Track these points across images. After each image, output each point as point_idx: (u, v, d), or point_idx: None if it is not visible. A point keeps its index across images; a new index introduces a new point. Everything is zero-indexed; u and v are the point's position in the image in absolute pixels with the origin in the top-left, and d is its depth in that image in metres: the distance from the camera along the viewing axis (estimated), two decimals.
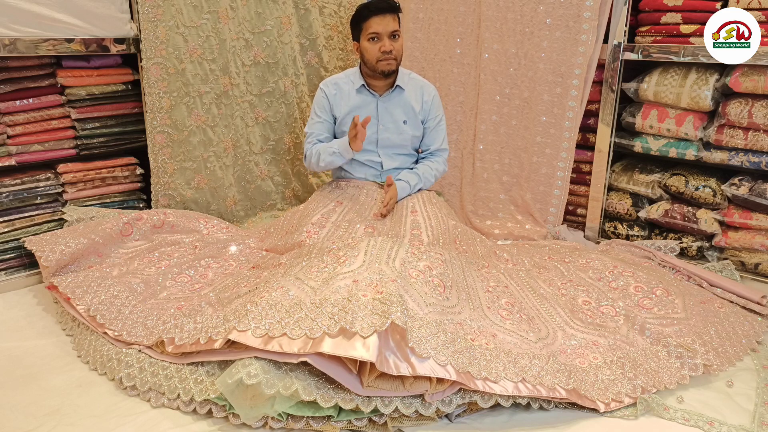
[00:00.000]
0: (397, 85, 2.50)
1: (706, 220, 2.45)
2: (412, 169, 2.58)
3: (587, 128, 2.80)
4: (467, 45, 2.91)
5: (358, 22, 2.43)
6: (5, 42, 2.19)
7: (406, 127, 2.53)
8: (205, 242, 2.39)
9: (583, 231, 2.83)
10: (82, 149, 2.53)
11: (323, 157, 2.44)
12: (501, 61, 2.83)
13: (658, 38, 2.51)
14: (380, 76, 2.45)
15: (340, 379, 1.48)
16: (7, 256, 2.36)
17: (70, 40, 2.34)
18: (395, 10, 2.40)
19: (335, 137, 2.59)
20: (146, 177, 2.69)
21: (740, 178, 2.43)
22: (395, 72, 2.46)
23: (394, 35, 2.39)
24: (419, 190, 2.52)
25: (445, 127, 2.63)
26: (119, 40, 2.46)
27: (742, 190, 2.37)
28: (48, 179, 2.45)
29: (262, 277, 2.01)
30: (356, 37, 2.46)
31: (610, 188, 2.77)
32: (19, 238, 2.34)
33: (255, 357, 1.49)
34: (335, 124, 2.56)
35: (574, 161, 2.78)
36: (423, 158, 2.63)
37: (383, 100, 2.51)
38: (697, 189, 2.48)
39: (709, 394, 1.67)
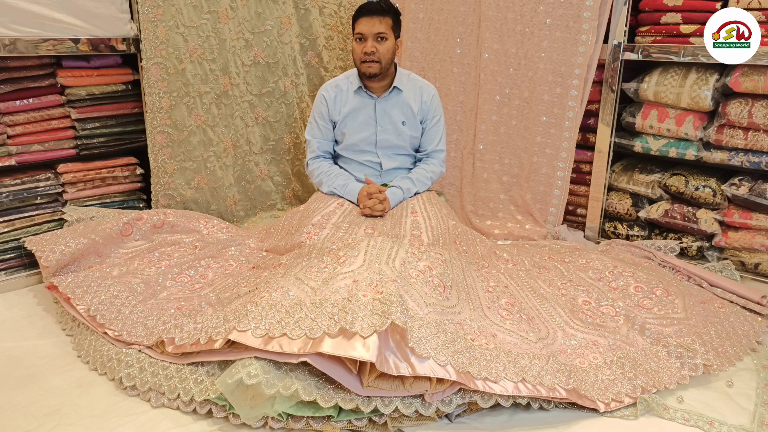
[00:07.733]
0: (394, 87, 2.50)
1: (706, 220, 2.45)
2: (409, 170, 2.58)
3: (587, 128, 2.80)
4: (467, 45, 2.91)
5: (352, 22, 2.46)
6: (5, 42, 2.19)
7: (404, 128, 2.53)
8: (205, 242, 2.39)
9: (583, 231, 2.82)
10: (82, 149, 2.53)
11: (325, 189, 2.51)
12: (501, 61, 2.83)
13: (658, 38, 2.51)
14: (367, 78, 2.45)
15: (340, 379, 1.48)
16: (7, 256, 2.36)
17: (76, 41, 2.34)
18: (383, 12, 2.39)
19: (336, 142, 2.60)
20: (146, 177, 2.69)
21: (740, 178, 2.42)
22: (377, 75, 2.43)
23: (380, 38, 2.39)
24: (415, 194, 2.51)
25: (443, 128, 2.62)
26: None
27: (742, 190, 2.37)
28: (48, 179, 2.45)
29: (262, 278, 2.01)
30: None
31: (610, 188, 2.77)
32: (19, 238, 2.34)
33: (255, 357, 1.49)
34: (334, 128, 2.57)
35: (574, 161, 2.78)
36: (420, 160, 2.63)
37: (381, 101, 2.51)
38: (697, 189, 2.48)
39: (709, 394, 1.67)
